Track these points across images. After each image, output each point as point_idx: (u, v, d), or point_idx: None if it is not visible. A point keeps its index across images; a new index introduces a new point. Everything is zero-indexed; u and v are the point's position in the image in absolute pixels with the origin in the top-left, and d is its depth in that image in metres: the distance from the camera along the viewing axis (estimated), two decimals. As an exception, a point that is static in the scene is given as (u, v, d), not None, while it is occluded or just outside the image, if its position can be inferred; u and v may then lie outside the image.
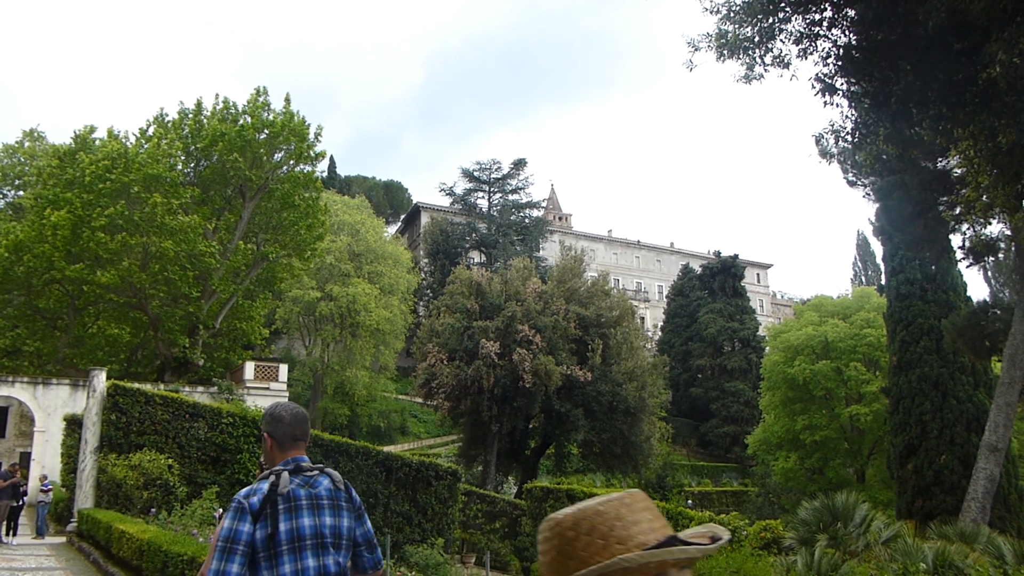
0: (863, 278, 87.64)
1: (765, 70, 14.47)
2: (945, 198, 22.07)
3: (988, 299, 28.93)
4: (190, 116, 33.30)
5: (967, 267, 25.14)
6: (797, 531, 13.60)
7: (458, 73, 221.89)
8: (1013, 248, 23.98)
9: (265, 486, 3.11)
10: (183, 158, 33.29)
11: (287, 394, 33.84)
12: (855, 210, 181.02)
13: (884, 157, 21.72)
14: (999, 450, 21.77)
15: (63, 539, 18.62)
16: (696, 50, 15.01)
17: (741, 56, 14.46)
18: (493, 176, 73.26)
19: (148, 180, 29.82)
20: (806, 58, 13.40)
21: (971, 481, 22.07)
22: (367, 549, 3.30)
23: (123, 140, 32.57)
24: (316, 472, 3.24)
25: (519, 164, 72.86)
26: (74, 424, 22.51)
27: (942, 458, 27.46)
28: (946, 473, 27.19)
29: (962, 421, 27.76)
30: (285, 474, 3.15)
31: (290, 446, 3.29)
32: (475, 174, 72.98)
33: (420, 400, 44.41)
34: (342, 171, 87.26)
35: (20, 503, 20.79)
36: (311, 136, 33.05)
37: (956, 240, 25.24)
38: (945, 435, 27.74)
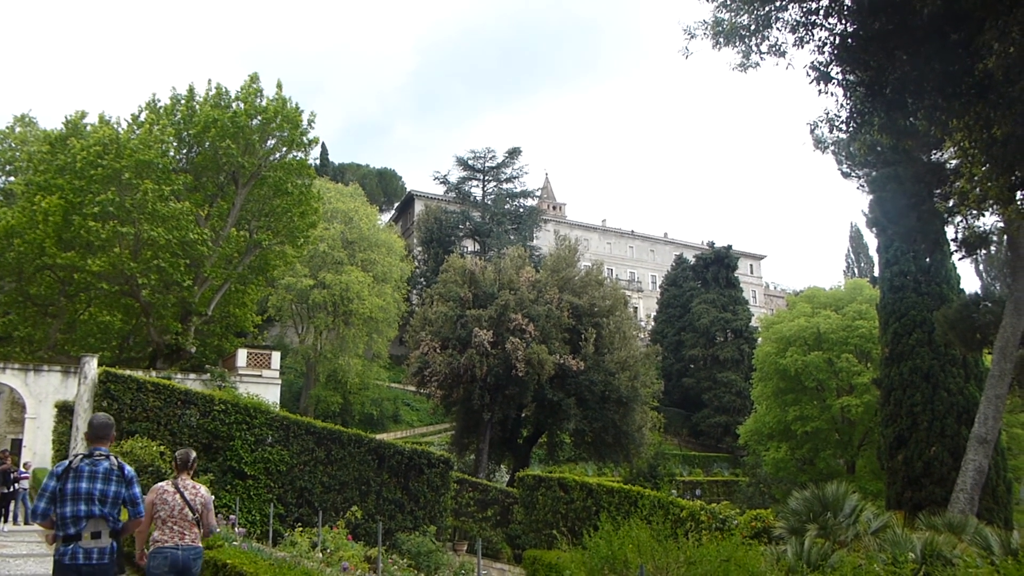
0: (856, 270, 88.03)
1: (761, 58, 14.45)
2: (939, 190, 22.13)
3: (980, 292, 29.07)
4: (182, 102, 33.09)
5: (960, 259, 25.27)
6: (787, 521, 13.68)
7: (451, 60, 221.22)
8: (1005, 241, 24.08)
9: (66, 463, 5.72)
10: (175, 144, 33.10)
11: (279, 382, 33.75)
12: (849, 202, 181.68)
13: (879, 149, 21.76)
14: (988, 442, 21.93)
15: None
16: (692, 37, 14.98)
17: (737, 44, 14.43)
18: (487, 165, 73.22)
19: (140, 166, 29.64)
20: (802, 47, 13.36)
21: (960, 472, 22.23)
22: (130, 505, 5.84)
23: (114, 126, 32.38)
24: (102, 456, 5.75)
25: (513, 153, 72.84)
26: (65, 411, 22.43)
27: (932, 450, 27.63)
28: (936, 464, 27.37)
29: (952, 413, 27.93)
30: (79, 456, 5.72)
31: (93, 442, 5.85)
32: (469, 162, 72.92)
33: (413, 388, 44.45)
34: (335, 159, 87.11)
35: (11, 490, 20.77)
36: (304, 123, 32.89)
37: (950, 232, 25.35)
38: (935, 427, 27.90)
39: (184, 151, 33.75)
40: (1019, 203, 14.23)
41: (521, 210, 73.29)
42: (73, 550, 5.52)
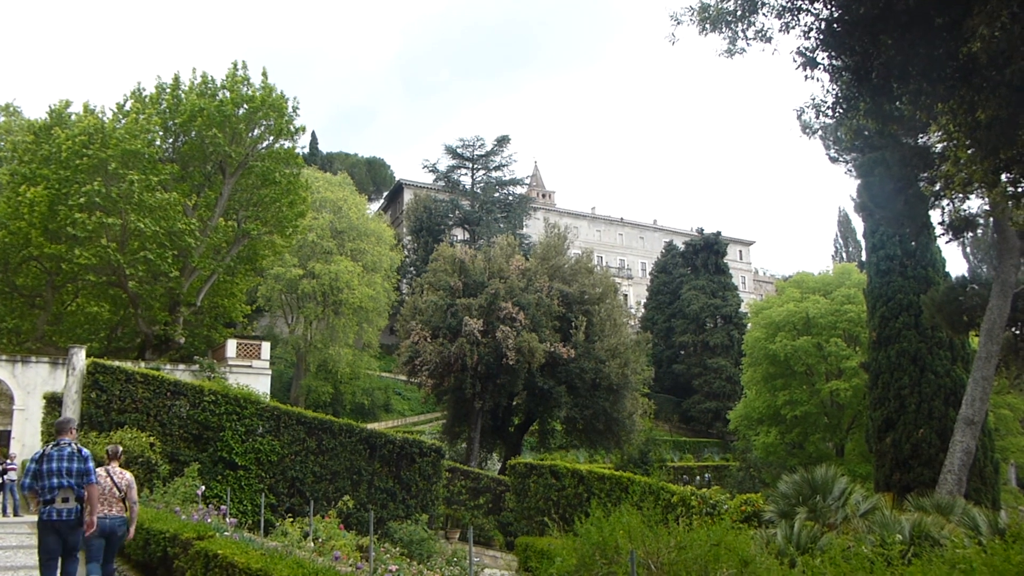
0: (844, 255, 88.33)
1: (747, 44, 14.44)
2: (925, 174, 22.20)
3: (966, 274, 29.25)
4: (167, 91, 32.80)
5: (946, 243, 25.42)
6: (777, 504, 13.77)
7: (438, 44, 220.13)
8: (991, 223, 24.23)
9: (41, 451, 8.23)
10: (161, 134, 32.82)
11: (269, 372, 33.67)
12: (837, 187, 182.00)
13: (866, 133, 21.78)
14: (975, 423, 22.11)
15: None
16: (678, 23, 14.94)
17: (723, 30, 14.42)
18: (476, 153, 72.97)
19: (126, 156, 29.40)
20: (788, 32, 13.36)
21: (948, 454, 22.43)
22: (85, 475, 8.17)
23: (100, 115, 32.05)
24: (66, 444, 8.20)
25: (502, 141, 72.59)
26: (54, 402, 22.34)
27: (920, 432, 27.83)
28: (923, 446, 27.57)
29: (940, 395, 28.12)
30: (50, 445, 8.21)
31: (58, 435, 8.40)
32: (458, 151, 72.68)
33: (404, 378, 44.44)
34: (323, 147, 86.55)
35: (1, 481, 20.69)
36: (290, 110, 32.67)
37: (936, 216, 25.48)
38: (923, 409, 28.10)
39: (170, 140, 33.48)
40: (1004, 186, 14.29)
41: (511, 198, 73.14)
42: (49, 510, 8.04)
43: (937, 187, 21.51)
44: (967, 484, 22.43)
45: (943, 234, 24.25)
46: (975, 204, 23.40)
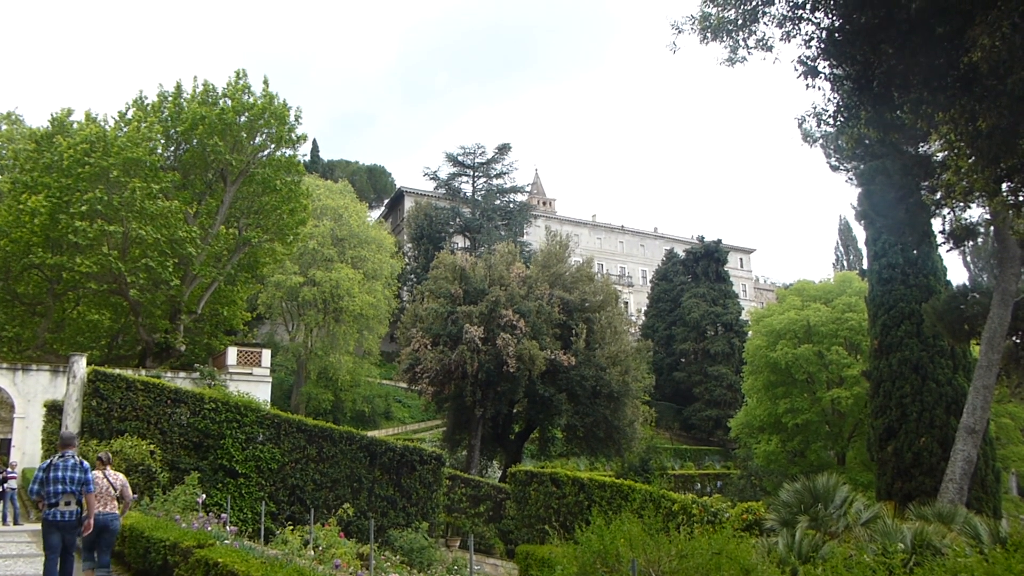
0: (845, 263, 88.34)
1: (748, 53, 14.50)
2: (926, 183, 22.21)
3: (967, 283, 29.24)
4: (169, 99, 32.87)
5: (947, 251, 25.40)
6: (779, 513, 13.73)
7: (436, 49, 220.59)
8: (992, 232, 24.23)
9: (48, 461, 9.53)
10: (163, 142, 32.87)
11: (270, 380, 33.62)
12: (838, 195, 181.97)
13: (867, 142, 21.80)
14: (977, 432, 22.07)
15: (44, 525, 18.48)
16: (679, 32, 14.99)
17: (724, 39, 14.48)
18: (477, 160, 73.12)
19: (128, 164, 29.45)
20: (789, 41, 13.42)
21: (949, 463, 22.37)
22: (84, 484, 9.43)
23: (101, 123, 32.11)
24: (70, 456, 9.47)
25: (503, 149, 72.75)
26: (55, 410, 22.30)
27: (921, 440, 27.78)
28: (925, 455, 27.53)
29: (941, 404, 28.08)
30: (56, 457, 9.49)
31: (62, 448, 9.61)
32: (459, 158, 72.83)
33: (404, 385, 44.41)
34: (324, 154, 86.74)
35: (1, 490, 20.68)
36: (291, 119, 32.74)
37: (937, 224, 25.48)
38: (924, 418, 28.05)
39: (172, 148, 33.53)
40: (1005, 195, 14.31)
41: (511, 206, 73.22)
42: (53, 512, 9.23)
43: (938, 196, 21.53)
44: (968, 493, 22.37)
45: (944, 243, 24.24)
46: (976, 213, 23.40)
